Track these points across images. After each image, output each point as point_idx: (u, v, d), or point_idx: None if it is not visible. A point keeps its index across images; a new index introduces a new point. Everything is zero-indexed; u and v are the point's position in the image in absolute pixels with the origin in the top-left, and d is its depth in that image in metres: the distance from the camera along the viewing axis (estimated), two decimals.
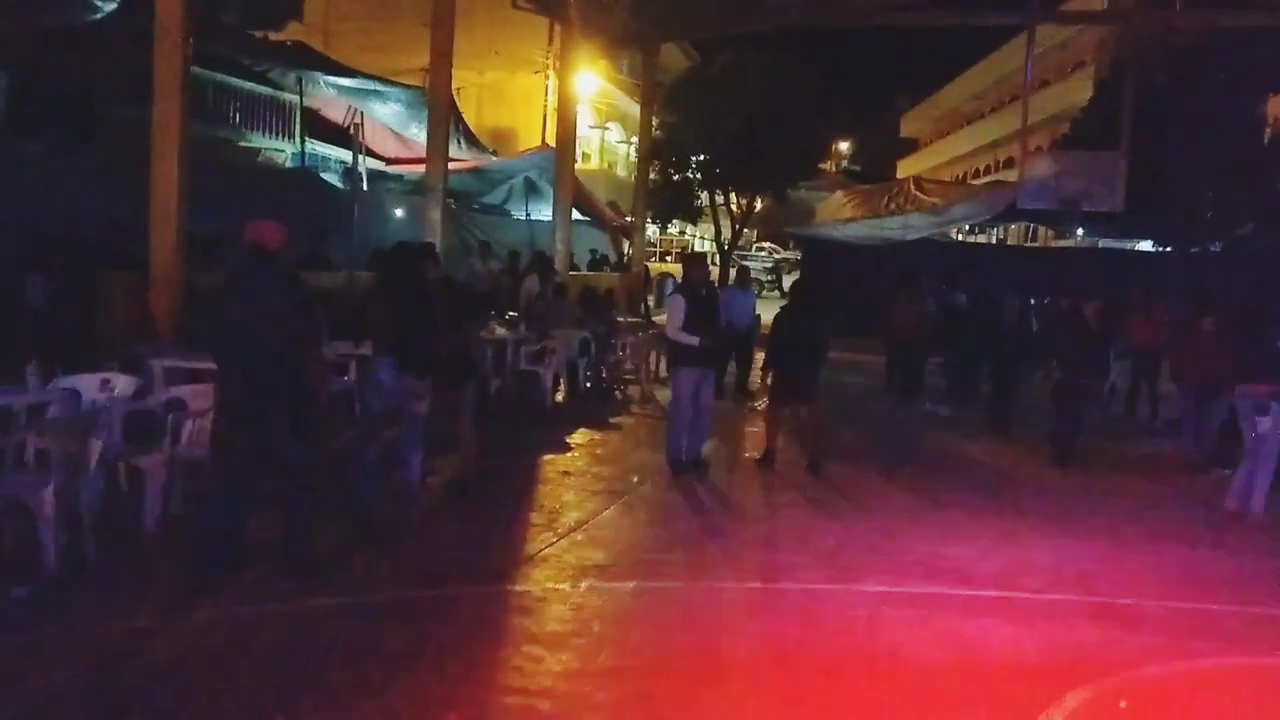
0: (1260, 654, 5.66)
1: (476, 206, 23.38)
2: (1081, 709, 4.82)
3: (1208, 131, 25.44)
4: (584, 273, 23.20)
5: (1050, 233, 36.70)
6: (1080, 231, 31.39)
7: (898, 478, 9.97)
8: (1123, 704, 4.92)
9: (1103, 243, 31.30)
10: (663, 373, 15.33)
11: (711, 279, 12.09)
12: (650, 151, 24.73)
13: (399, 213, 19.81)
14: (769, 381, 10.43)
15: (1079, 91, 38.38)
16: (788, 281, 41.07)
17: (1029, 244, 40.65)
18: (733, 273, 22.41)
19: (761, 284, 42.50)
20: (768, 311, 13.08)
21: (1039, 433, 11.72)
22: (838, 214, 27.76)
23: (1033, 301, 15.38)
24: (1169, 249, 28.97)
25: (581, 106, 27.38)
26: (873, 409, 14.55)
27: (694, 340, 9.22)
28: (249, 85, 19.92)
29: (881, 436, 12.47)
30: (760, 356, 11.84)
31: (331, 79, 21.05)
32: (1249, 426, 8.96)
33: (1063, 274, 21.44)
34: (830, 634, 5.65)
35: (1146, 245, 30.93)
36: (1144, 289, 15.42)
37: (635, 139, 28.16)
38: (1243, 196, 25.14)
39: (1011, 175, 35.71)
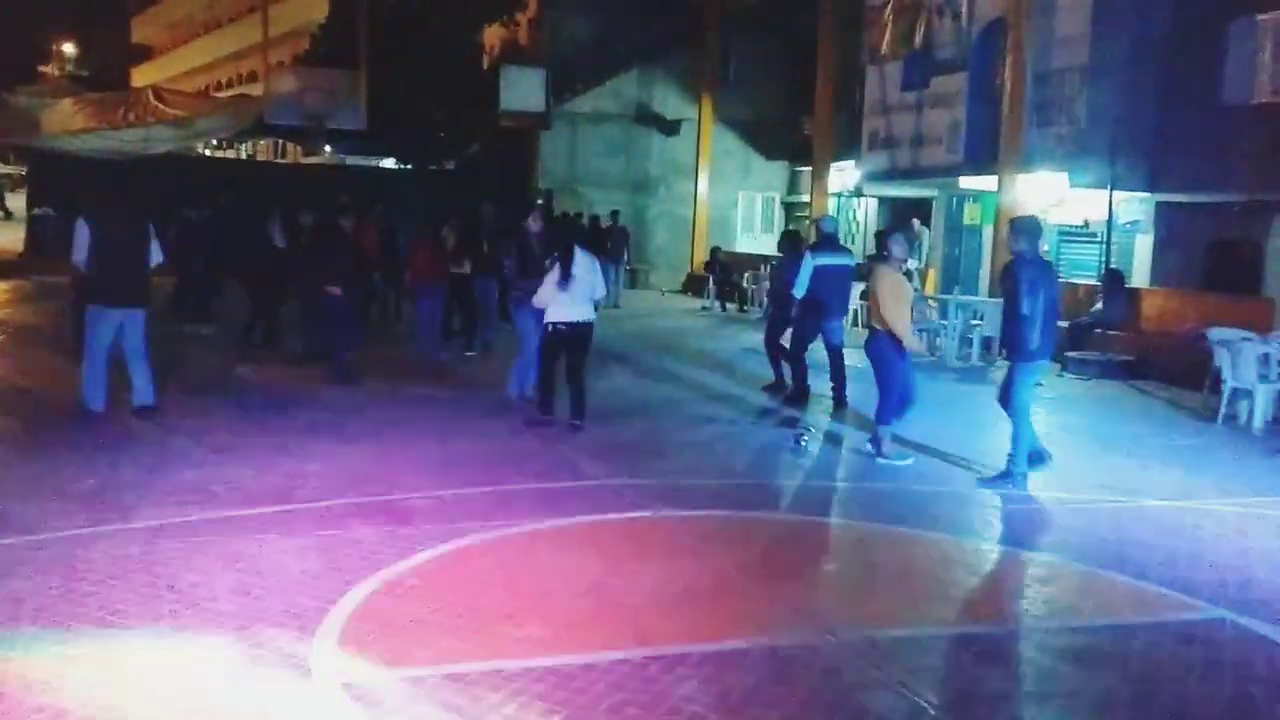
0: (509, 524, 6.45)
1: None
2: (364, 602, 5.10)
3: (437, 54, 27.38)
4: None
5: (300, 149, 37.00)
6: (328, 149, 32.11)
7: (163, 406, 9.48)
8: (408, 584, 5.30)
9: (350, 160, 32.36)
10: None
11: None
12: None
13: None
14: None
15: (318, 7, 38.78)
16: (12, 201, 36.36)
17: (279, 160, 40.59)
18: None
19: None
20: None
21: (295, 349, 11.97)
22: (68, 124, 24.98)
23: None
24: (409, 166, 30.89)
25: None
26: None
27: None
28: None
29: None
30: None
31: None
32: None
33: (313, 190, 21.75)
34: (102, 580, 5.25)
35: (390, 163, 32.65)
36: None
37: None
38: (472, 118, 27.60)
39: (257, 89, 35.10)
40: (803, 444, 8.99)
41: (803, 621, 5.20)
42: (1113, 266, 15.32)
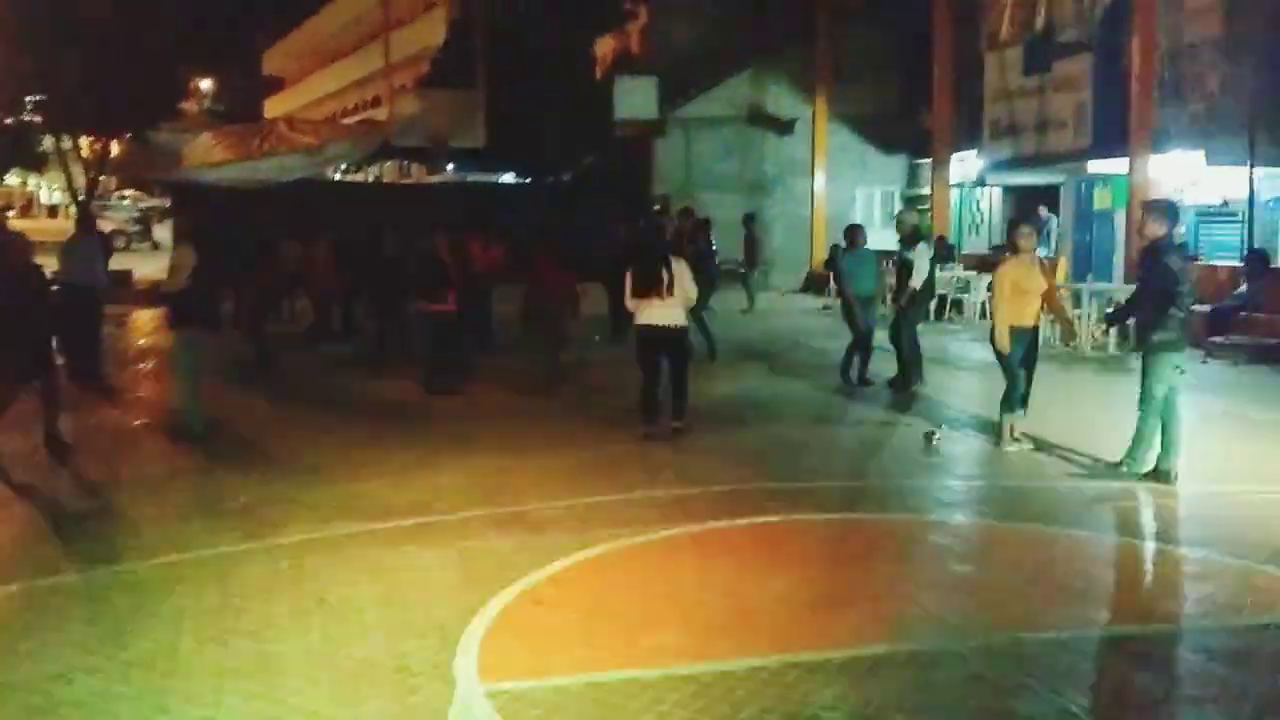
0: (641, 531, 6.50)
1: None
2: (504, 612, 5.20)
3: (551, 69, 27.79)
4: None
5: (423, 169, 37.96)
6: (450, 167, 32.89)
7: (302, 424, 9.85)
8: (540, 598, 5.39)
9: (471, 177, 33.05)
10: None
11: None
12: None
13: None
14: None
15: (435, 31, 39.75)
16: (159, 231, 38.14)
17: (404, 180, 41.69)
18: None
19: (128, 236, 39.06)
20: (141, 265, 11.66)
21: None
22: (208, 157, 26.14)
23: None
24: (528, 180, 31.39)
25: None
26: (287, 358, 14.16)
27: None
28: None
29: (283, 386, 12.21)
30: None
31: None
32: None
33: (435, 208, 22.28)
34: (255, 594, 5.48)
35: (509, 178, 33.23)
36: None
37: None
38: (586, 129, 27.91)
39: (381, 114, 36.14)
40: (934, 442, 8.82)
41: (944, 625, 5.10)
42: (1256, 247, 14.61)
